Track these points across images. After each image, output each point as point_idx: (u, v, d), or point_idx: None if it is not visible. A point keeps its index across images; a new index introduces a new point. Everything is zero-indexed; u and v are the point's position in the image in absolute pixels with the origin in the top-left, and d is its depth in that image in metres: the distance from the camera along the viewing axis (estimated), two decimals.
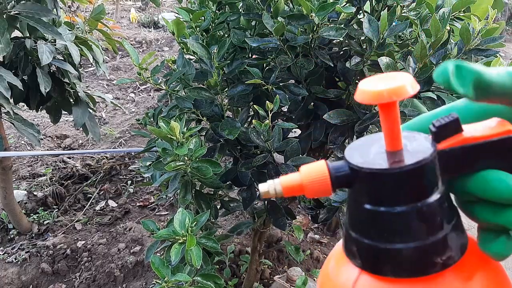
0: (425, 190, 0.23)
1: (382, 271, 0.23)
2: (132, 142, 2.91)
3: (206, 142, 1.06)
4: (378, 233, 0.23)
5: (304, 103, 1.05)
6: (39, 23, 1.35)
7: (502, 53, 5.08)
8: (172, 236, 0.90)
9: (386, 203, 0.23)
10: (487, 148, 0.23)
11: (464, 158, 0.24)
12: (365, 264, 0.24)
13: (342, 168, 0.24)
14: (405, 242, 0.23)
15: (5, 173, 1.80)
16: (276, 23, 0.92)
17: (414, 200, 0.22)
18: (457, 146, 0.24)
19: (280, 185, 0.25)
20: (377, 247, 0.23)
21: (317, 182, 0.24)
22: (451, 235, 0.23)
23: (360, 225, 0.24)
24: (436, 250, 0.23)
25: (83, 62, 3.35)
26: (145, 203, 2.28)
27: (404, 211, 0.22)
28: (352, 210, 0.25)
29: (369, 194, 0.23)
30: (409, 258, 0.23)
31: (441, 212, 0.23)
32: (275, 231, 1.93)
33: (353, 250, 0.24)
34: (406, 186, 0.22)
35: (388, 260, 0.23)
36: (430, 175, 0.23)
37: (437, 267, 0.23)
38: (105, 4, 3.09)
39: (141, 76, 1.01)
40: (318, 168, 0.24)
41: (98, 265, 1.82)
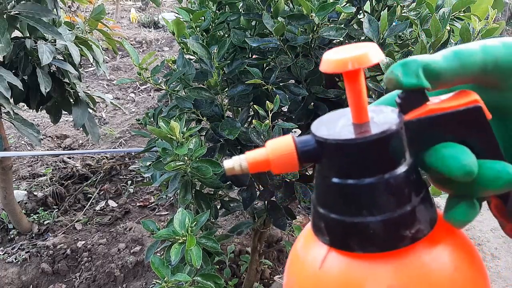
0: (392, 161, 0.22)
1: (351, 247, 0.23)
2: (132, 142, 2.91)
3: (206, 142, 1.06)
4: (345, 207, 0.23)
5: (304, 103, 1.05)
6: (39, 23, 1.35)
7: None
8: (172, 236, 0.90)
9: (353, 176, 0.22)
10: (454, 118, 0.23)
11: (430, 129, 0.23)
12: (333, 240, 0.23)
13: (308, 142, 0.24)
14: (372, 215, 0.22)
15: (5, 173, 1.80)
16: (276, 23, 0.92)
17: (381, 172, 0.22)
18: (423, 116, 0.23)
19: (246, 161, 0.24)
20: (345, 221, 0.23)
21: (284, 157, 0.24)
22: (420, 208, 0.23)
23: (328, 200, 0.24)
24: (404, 223, 0.22)
25: (83, 62, 3.35)
26: (145, 203, 2.28)
27: (371, 183, 0.22)
28: (319, 186, 0.24)
29: (335, 167, 0.23)
30: (377, 231, 0.22)
31: (408, 184, 0.23)
32: (275, 231, 1.93)
33: (321, 227, 0.24)
34: (373, 157, 0.22)
35: (356, 235, 0.22)
36: (397, 146, 0.22)
37: (406, 240, 0.22)
38: (105, 4, 3.10)
39: (141, 76, 1.01)
40: (285, 142, 0.24)
41: (98, 265, 1.82)
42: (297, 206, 1.94)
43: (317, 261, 0.24)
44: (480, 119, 0.23)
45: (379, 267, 0.22)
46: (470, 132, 0.23)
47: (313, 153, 0.24)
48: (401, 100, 0.24)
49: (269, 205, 1.12)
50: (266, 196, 1.05)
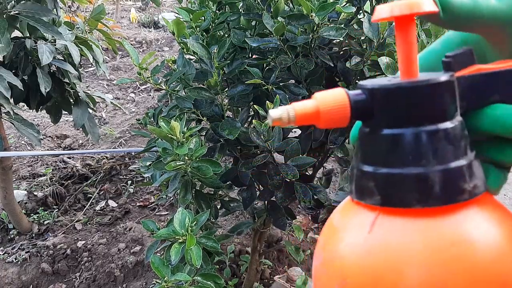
0: (447, 112, 0.22)
1: (408, 202, 0.21)
2: (132, 142, 2.91)
3: (206, 142, 1.06)
4: (400, 158, 0.22)
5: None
6: (39, 23, 1.35)
7: None
8: (172, 236, 0.90)
9: (408, 123, 0.22)
10: (502, 77, 0.23)
11: (480, 87, 0.23)
12: (385, 198, 0.22)
13: (360, 94, 0.23)
14: (432, 165, 0.21)
15: (5, 173, 1.80)
16: (276, 23, 0.92)
17: (437, 121, 0.21)
18: (474, 73, 0.23)
19: (294, 111, 0.23)
20: (401, 174, 0.21)
21: (336, 109, 0.22)
22: (475, 163, 0.22)
23: (379, 156, 0.22)
24: (463, 175, 0.21)
25: (83, 62, 3.35)
26: (145, 203, 2.28)
27: (428, 131, 0.21)
28: (367, 144, 0.23)
29: (389, 117, 0.22)
30: (437, 182, 0.21)
31: (464, 137, 0.22)
32: (275, 231, 1.93)
33: (369, 188, 0.22)
34: (427, 104, 0.21)
35: (414, 188, 0.21)
36: (451, 97, 0.22)
37: (465, 194, 0.21)
38: (105, 4, 3.10)
39: (141, 76, 1.01)
40: (337, 94, 0.23)
41: (98, 265, 1.82)
42: (297, 206, 1.94)
43: (365, 226, 0.22)
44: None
45: (440, 222, 0.21)
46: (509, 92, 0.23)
47: (365, 106, 0.23)
48: (450, 59, 0.23)
49: (269, 205, 1.12)
50: (266, 196, 1.05)
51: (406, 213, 0.21)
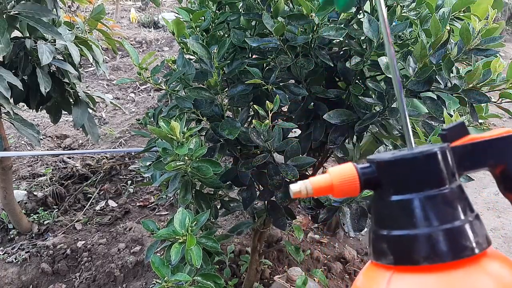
0: (445, 177, 0.25)
1: (416, 260, 0.24)
2: (132, 142, 2.91)
3: (206, 142, 1.06)
4: (407, 221, 0.24)
5: (304, 103, 1.05)
6: (39, 23, 1.35)
7: (502, 53, 5.09)
8: (172, 236, 0.90)
9: (412, 190, 0.25)
10: (492, 144, 0.26)
11: (473, 154, 0.26)
12: (398, 258, 0.24)
13: (368, 168, 0.26)
14: (436, 226, 0.24)
15: (5, 173, 1.80)
16: (276, 23, 0.92)
17: (437, 185, 0.24)
18: (467, 143, 0.26)
19: (311, 186, 0.26)
20: (408, 235, 0.24)
21: (347, 183, 0.26)
22: (476, 222, 0.24)
23: (389, 220, 0.25)
24: (465, 233, 0.24)
25: (83, 62, 3.35)
26: (145, 203, 2.28)
27: (430, 195, 0.24)
28: (379, 209, 0.26)
29: (395, 184, 0.25)
30: (440, 241, 0.23)
31: (463, 199, 0.25)
32: (275, 231, 1.93)
33: (383, 249, 0.25)
34: (427, 171, 0.24)
35: (420, 247, 0.24)
36: (447, 164, 0.25)
37: (468, 250, 0.23)
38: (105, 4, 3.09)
39: (141, 76, 1.01)
40: (347, 169, 0.26)
41: (98, 265, 1.82)
42: (297, 206, 1.94)
43: (382, 284, 0.24)
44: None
45: (446, 278, 0.23)
46: (506, 156, 0.26)
47: (373, 177, 0.26)
48: (446, 132, 0.27)
49: (269, 205, 1.12)
50: (266, 196, 1.05)
51: (416, 270, 0.24)
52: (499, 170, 0.27)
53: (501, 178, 0.27)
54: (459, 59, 0.92)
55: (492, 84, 0.90)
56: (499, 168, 0.26)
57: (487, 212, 2.31)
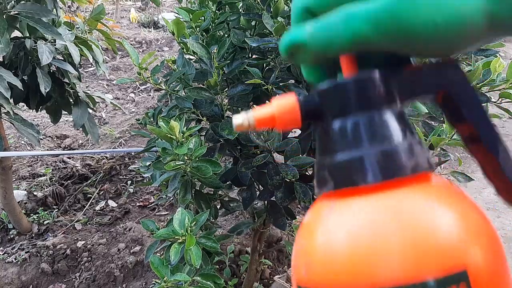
0: (385, 98, 0.25)
1: (354, 181, 0.24)
2: (132, 142, 2.91)
3: (206, 142, 1.06)
4: (344, 145, 0.25)
5: None
6: (39, 23, 1.35)
7: (502, 53, 5.09)
8: (171, 236, 0.90)
9: (351, 113, 0.25)
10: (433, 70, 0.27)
11: (415, 80, 0.26)
12: (337, 182, 0.25)
13: (310, 97, 0.26)
14: (371, 147, 0.24)
15: (5, 173, 1.80)
16: (276, 23, 0.92)
17: (376, 107, 0.25)
18: (408, 69, 0.26)
19: (253, 117, 0.26)
20: (346, 158, 0.24)
21: (288, 113, 0.26)
22: (416, 146, 0.25)
23: (328, 148, 0.25)
24: (401, 153, 0.24)
25: (83, 62, 3.35)
26: (145, 203, 2.28)
27: (369, 116, 0.24)
28: (321, 140, 0.26)
29: (334, 110, 0.25)
30: (377, 161, 0.23)
31: (403, 123, 0.25)
32: (275, 231, 1.93)
33: (325, 176, 0.25)
34: (367, 93, 0.25)
35: (357, 168, 0.24)
36: (387, 86, 0.25)
37: (405, 169, 0.23)
38: (105, 4, 3.10)
39: (141, 76, 1.01)
40: (289, 99, 0.26)
41: (98, 265, 1.82)
42: (297, 206, 1.94)
43: (326, 212, 0.25)
44: (457, 72, 0.26)
45: (383, 197, 0.23)
46: (449, 83, 0.26)
47: (314, 106, 0.26)
48: None
49: (269, 205, 1.12)
50: (266, 196, 1.05)
51: (355, 192, 0.24)
52: (441, 96, 0.27)
53: (445, 106, 0.27)
54: (459, 59, 0.92)
55: (492, 84, 0.90)
56: (440, 94, 0.26)
57: (487, 212, 2.31)
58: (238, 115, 0.27)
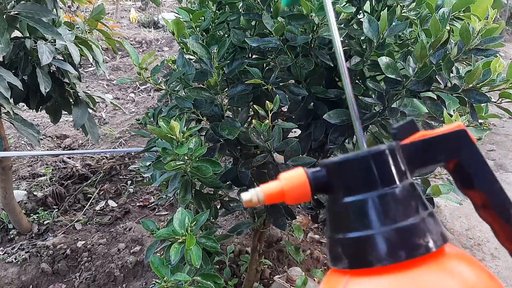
0: (396, 175, 0.25)
1: (369, 262, 0.23)
2: (132, 142, 2.91)
3: (206, 142, 1.06)
4: (359, 222, 0.24)
5: (304, 103, 1.05)
6: (39, 23, 1.35)
7: (502, 53, 5.09)
8: (171, 236, 0.90)
9: (361, 190, 0.24)
10: (443, 140, 0.26)
11: (424, 150, 0.26)
12: (352, 261, 0.24)
13: (319, 172, 0.26)
14: (386, 225, 0.23)
15: (5, 173, 1.80)
16: (276, 23, 0.92)
17: (386, 185, 0.24)
18: (416, 140, 0.27)
19: (262, 193, 0.26)
20: (360, 237, 0.24)
21: (298, 188, 0.26)
22: (429, 220, 0.24)
23: (341, 223, 0.25)
24: (416, 231, 0.23)
25: (83, 62, 3.35)
26: (145, 203, 2.28)
27: (379, 195, 0.24)
28: (333, 213, 0.26)
29: (344, 186, 0.25)
30: (391, 241, 0.23)
31: (414, 198, 0.25)
32: (275, 231, 1.92)
33: (338, 253, 0.25)
34: (375, 171, 0.24)
35: (372, 248, 0.23)
36: (397, 161, 0.25)
37: (421, 249, 0.23)
38: (105, 4, 3.10)
39: (141, 76, 1.01)
40: (297, 174, 0.26)
41: (98, 265, 1.82)
42: (297, 206, 1.93)
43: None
44: (466, 140, 0.26)
45: (399, 278, 0.22)
46: (458, 151, 0.26)
47: (324, 181, 0.26)
48: (396, 130, 0.27)
49: (269, 205, 1.12)
50: None
51: (370, 272, 0.23)
52: (452, 165, 0.27)
53: (455, 173, 0.27)
54: (459, 59, 0.92)
55: (492, 84, 0.90)
56: (451, 163, 0.26)
57: None
58: (247, 192, 0.27)
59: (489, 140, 3.33)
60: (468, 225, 2.22)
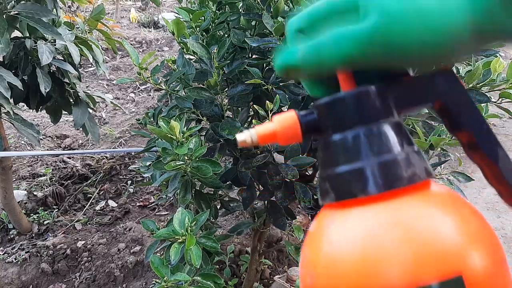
0: (381, 111, 0.26)
1: (353, 193, 0.24)
2: (132, 142, 2.91)
3: (206, 142, 1.06)
4: (344, 157, 0.25)
5: (304, 103, 1.05)
6: (39, 23, 1.35)
7: (502, 53, 5.08)
8: (171, 236, 0.90)
9: (349, 127, 0.25)
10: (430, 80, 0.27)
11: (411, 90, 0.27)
12: (338, 193, 0.25)
13: (309, 113, 0.27)
14: (369, 158, 0.24)
15: (5, 173, 1.80)
16: (276, 23, 0.92)
17: (372, 120, 0.25)
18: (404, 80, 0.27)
19: (256, 134, 0.27)
20: (347, 170, 0.25)
21: (289, 129, 0.27)
22: (413, 155, 0.25)
23: (329, 161, 0.26)
24: (399, 164, 0.24)
25: (83, 62, 3.35)
26: (145, 203, 2.28)
27: (365, 129, 0.25)
28: (323, 153, 0.27)
29: (333, 124, 0.26)
30: (375, 172, 0.24)
31: (400, 134, 0.25)
32: (275, 231, 1.93)
33: (326, 188, 0.26)
34: (363, 106, 0.25)
35: (356, 180, 0.24)
36: (384, 100, 0.26)
37: (403, 180, 0.24)
38: (105, 4, 3.10)
39: (141, 76, 1.01)
40: (289, 115, 0.27)
41: (98, 265, 1.82)
42: (297, 206, 1.94)
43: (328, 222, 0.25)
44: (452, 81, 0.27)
45: (381, 207, 0.24)
46: (445, 91, 0.27)
47: (314, 121, 0.27)
48: None
49: (269, 205, 1.12)
50: (266, 196, 1.05)
51: (355, 203, 0.24)
52: (438, 106, 0.27)
53: (442, 114, 0.27)
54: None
55: (492, 84, 0.90)
56: (438, 104, 0.27)
57: (487, 212, 2.31)
58: (241, 133, 0.28)
59: None
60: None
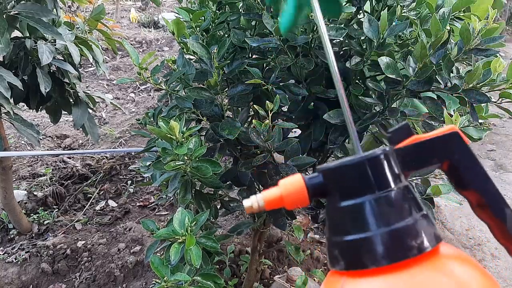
0: (390, 178, 0.25)
1: (364, 264, 0.24)
2: (132, 142, 2.91)
3: (206, 142, 1.06)
4: (354, 225, 0.25)
5: (304, 103, 1.05)
6: (39, 23, 1.35)
7: (502, 53, 5.08)
8: (171, 236, 0.90)
9: (357, 195, 0.25)
10: (436, 142, 0.27)
11: (418, 153, 0.27)
12: (348, 262, 0.25)
13: (315, 177, 0.27)
14: (380, 228, 0.24)
15: (5, 173, 1.80)
16: (276, 23, 0.92)
17: (380, 188, 0.25)
18: (410, 144, 0.27)
19: (263, 199, 0.28)
20: (356, 239, 0.25)
21: (295, 194, 0.27)
22: (422, 222, 0.25)
23: (338, 226, 0.26)
24: (409, 233, 0.24)
25: (83, 62, 3.35)
26: (145, 203, 2.28)
27: (375, 198, 0.25)
28: (331, 216, 0.27)
29: (341, 190, 0.26)
30: (385, 243, 0.24)
31: (408, 200, 0.25)
32: (275, 231, 1.92)
33: (335, 256, 0.26)
34: (372, 174, 0.25)
35: (367, 250, 0.24)
36: (391, 165, 0.26)
37: (413, 250, 0.24)
38: (105, 4, 3.10)
39: (141, 76, 1.01)
40: (295, 180, 0.28)
41: (98, 265, 1.82)
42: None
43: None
44: (459, 142, 0.27)
45: (393, 279, 0.23)
46: (451, 153, 0.27)
47: (320, 186, 0.27)
48: (390, 134, 0.28)
49: None
50: None
51: (365, 274, 0.24)
52: (446, 167, 0.27)
53: (450, 174, 0.28)
54: (459, 59, 0.92)
55: (492, 84, 0.90)
56: (445, 165, 0.27)
57: None
58: (247, 199, 0.28)
59: (489, 140, 3.33)
60: (468, 225, 2.22)
